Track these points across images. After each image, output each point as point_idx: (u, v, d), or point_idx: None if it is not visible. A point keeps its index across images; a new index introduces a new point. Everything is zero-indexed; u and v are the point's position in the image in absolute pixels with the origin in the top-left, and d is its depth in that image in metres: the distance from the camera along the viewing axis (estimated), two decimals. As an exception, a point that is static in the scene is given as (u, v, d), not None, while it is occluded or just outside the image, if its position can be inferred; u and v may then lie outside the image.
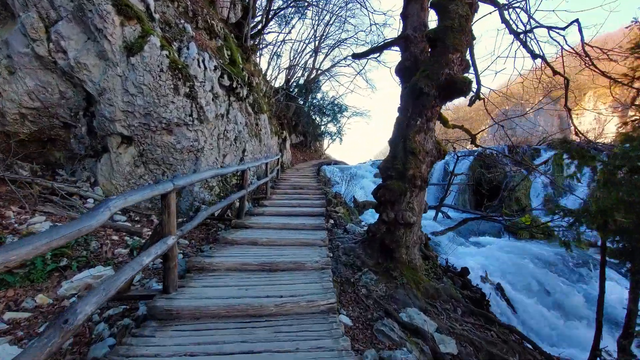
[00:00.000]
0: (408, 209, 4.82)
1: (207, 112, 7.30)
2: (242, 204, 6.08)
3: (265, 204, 7.88)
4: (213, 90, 7.79)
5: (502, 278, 6.81)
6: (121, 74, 5.88)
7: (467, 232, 10.48)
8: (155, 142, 6.57)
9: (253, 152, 10.24)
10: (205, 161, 7.36)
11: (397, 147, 4.93)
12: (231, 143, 8.69)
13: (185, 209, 7.18)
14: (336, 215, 8.49)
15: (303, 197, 9.03)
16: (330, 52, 23.55)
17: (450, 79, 4.59)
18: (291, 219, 6.40)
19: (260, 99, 13.05)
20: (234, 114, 9.03)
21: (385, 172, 4.96)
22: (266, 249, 4.50)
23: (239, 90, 9.17)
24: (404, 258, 4.78)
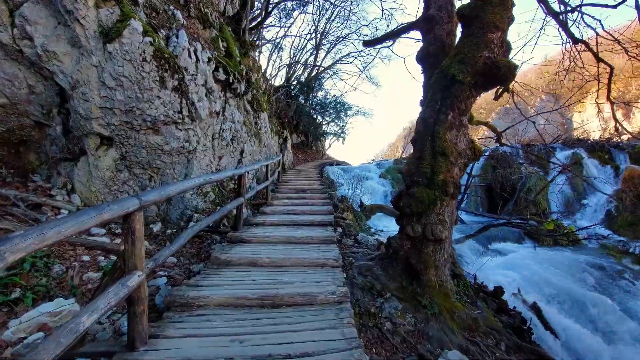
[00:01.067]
0: (438, 221, 4.00)
1: (199, 109, 6.48)
2: (240, 214, 5.26)
3: (265, 211, 7.05)
4: (206, 84, 6.97)
5: (535, 294, 5.99)
6: (97, 63, 5.06)
7: (485, 238, 9.65)
8: (139, 143, 5.75)
9: (252, 154, 9.42)
10: (198, 164, 6.54)
11: (424, 147, 4.10)
12: (227, 143, 7.87)
13: (175, 219, 6.36)
14: (344, 223, 7.65)
15: (307, 203, 8.21)
16: (332, 48, 22.76)
17: (492, 64, 3.76)
18: (296, 230, 5.57)
19: (260, 97, 12.23)
20: (230, 112, 8.21)
21: (409, 177, 4.14)
22: (267, 273, 3.67)
23: (236, 86, 8.35)
24: (433, 281, 3.95)
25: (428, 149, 4.08)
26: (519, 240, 10.23)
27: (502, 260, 7.46)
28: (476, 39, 3.87)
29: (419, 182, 4.02)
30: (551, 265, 7.49)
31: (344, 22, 21.37)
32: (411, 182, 4.10)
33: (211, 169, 6.98)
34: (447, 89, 4.01)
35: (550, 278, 6.76)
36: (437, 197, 3.92)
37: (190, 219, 6.36)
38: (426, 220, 4.00)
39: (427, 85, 4.71)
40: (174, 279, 4.14)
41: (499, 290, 5.01)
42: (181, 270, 4.49)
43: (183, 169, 6.43)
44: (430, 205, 3.94)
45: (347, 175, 16.77)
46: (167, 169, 6.23)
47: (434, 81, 4.17)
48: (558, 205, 12.52)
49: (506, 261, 7.42)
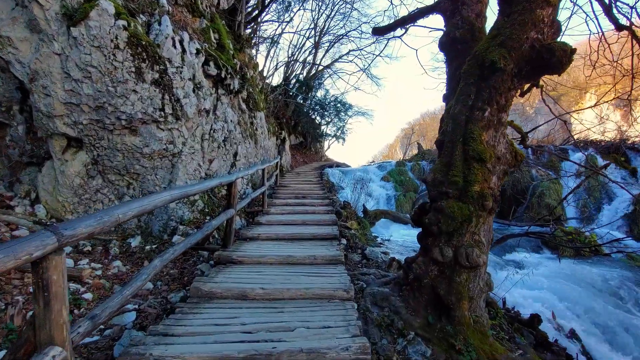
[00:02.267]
0: (473, 243, 3.23)
1: (185, 106, 5.68)
2: (230, 228, 4.47)
3: (261, 221, 6.26)
4: (195, 79, 6.18)
5: (571, 318, 5.25)
6: (59, 51, 4.26)
7: (499, 247, 8.90)
8: (114, 145, 4.95)
9: (247, 156, 8.63)
10: (184, 169, 5.75)
11: (453, 151, 3.33)
12: (219, 145, 7.08)
13: (157, 231, 5.57)
14: (349, 234, 6.88)
15: (308, 210, 7.42)
16: (331, 46, 21.99)
17: (542, 47, 3.00)
18: (296, 246, 4.79)
19: (257, 95, 11.44)
20: (223, 110, 7.42)
21: (435, 188, 3.36)
22: (261, 311, 2.89)
23: (229, 82, 7.56)
24: (467, 317, 3.18)
25: (459, 153, 3.31)
26: (536, 249, 9.49)
27: (524, 276, 6.70)
28: (521, 17, 3.11)
29: (448, 194, 3.24)
30: (579, 280, 6.74)
31: (344, 19, 20.64)
32: (438, 194, 3.32)
33: (200, 174, 6.19)
34: (483, 79, 3.24)
35: (582, 296, 6.01)
36: (472, 213, 3.15)
37: (175, 231, 5.57)
38: (458, 241, 3.23)
39: (452, 77, 3.95)
40: (145, 314, 3.34)
41: (536, 319, 4.24)
42: (157, 300, 3.69)
43: (167, 175, 5.63)
44: (464, 222, 3.17)
45: (348, 178, 16.02)
46: (147, 175, 5.44)
47: (466, 70, 3.40)
48: (574, 211, 11.79)
49: (529, 276, 6.66)
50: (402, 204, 13.96)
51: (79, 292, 3.62)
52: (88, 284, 3.79)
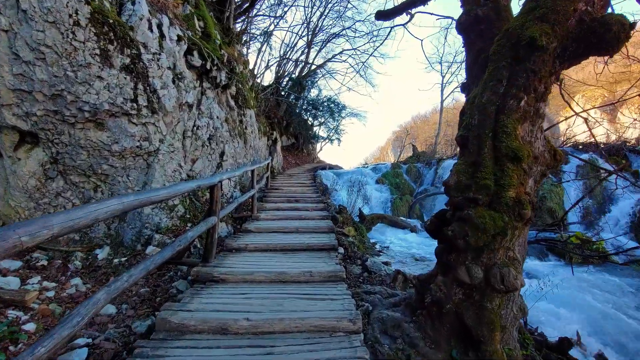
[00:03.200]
0: (508, 260, 2.64)
1: (163, 98, 5.00)
2: (212, 239, 3.80)
3: (250, 228, 5.60)
4: (175, 69, 5.50)
5: (594, 337, 4.73)
6: (7, 27, 3.55)
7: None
8: (76, 141, 4.24)
9: (235, 156, 7.95)
10: (161, 169, 5.05)
11: (481, 148, 2.75)
12: (204, 144, 6.40)
13: (130, 240, 4.86)
14: (347, 241, 6.26)
15: (302, 216, 6.78)
16: (324, 45, 21.40)
17: (595, 21, 2.44)
18: (288, 259, 4.15)
19: (247, 92, 10.78)
20: (208, 105, 6.74)
21: (460, 192, 2.77)
22: (245, 351, 2.24)
23: (215, 74, 6.89)
24: (499, 351, 2.59)
25: (488, 151, 2.73)
26: (540, 256, 9.02)
27: (538, 287, 6.18)
28: (566, -15, 2.55)
29: (477, 201, 2.65)
30: (597, 290, 6.25)
31: (338, 17, 20.09)
32: (464, 201, 2.73)
33: (180, 176, 5.50)
34: (519, 60, 2.67)
35: (603, 310, 5.50)
36: (506, 224, 2.56)
37: (150, 240, 4.87)
38: (490, 258, 2.64)
39: (474, 62, 3.37)
40: (100, 350, 2.65)
41: (567, 344, 3.68)
42: (119, 330, 3.00)
43: (141, 176, 4.93)
44: (497, 236, 2.58)
45: (342, 180, 15.43)
46: (118, 176, 4.73)
47: (496, 51, 2.83)
48: (576, 214, 11.41)
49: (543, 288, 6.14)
50: (399, 207, 13.42)
51: (19, 322, 2.91)
52: (33, 311, 3.08)
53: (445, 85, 20.20)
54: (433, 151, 19.18)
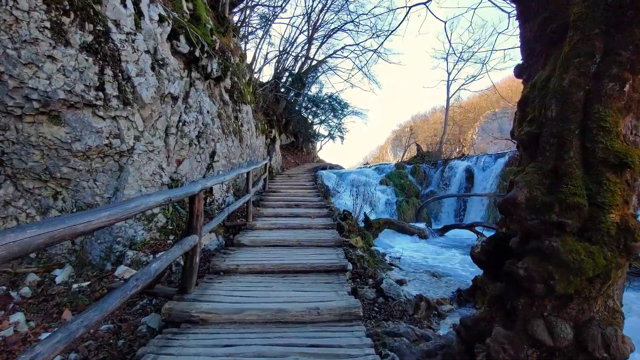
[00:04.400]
0: (608, 313, 1.84)
1: (139, 88, 4.17)
2: (191, 264, 2.98)
3: (243, 241, 4.78)
4: (156, 54, 4.67)
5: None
6: None
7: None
8: (25, 138, 3.41)
9: (229, 156, 7.12)
10: (136, 172, 4.23)
11: (564, 151, 1.94)
12: (191, 142, 5.56)
13: (98, 257, 4.05)
14: (355, 255, 5.45)
15: (303, 224, 5.96)
16: (325, 40, 20.54)
17: None
18: (288, 286, 3.34)
19: (243, 86, 9.95)
20: (197, 98, 5.91)
21: (535, 212, 1.95)
22: None
23: (205, 63, 6.06)
24: None
25: (575, 155, 1.92)
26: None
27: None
28: None
29: (563, 227, 1.84)
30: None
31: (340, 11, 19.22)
32: (542, 225, 1.91)
33: (161, 180, 4.67)
34: (620, 26, 1.86)
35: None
36: (610, 262, 1.75)
37: (121, 258, 4.05)
38: (583, 310, 1.83)
39: (538, 35, 2.55)
40: None
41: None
42: (56, 397, 2.19)
43: (112, 180, 4.11)
44: (596, 279, 1.77)
45: (344, 181, 14.62)
46: (83, 181, 3.90)
47: (582, 16, 2.01)
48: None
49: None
50: (405, 210, 12.62)
51: None
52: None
53: (451, 83, 19.42)
54: (438, 151, 18.39)
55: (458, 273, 5.94)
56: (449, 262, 6.67)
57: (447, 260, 6.79)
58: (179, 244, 2.67)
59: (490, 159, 13.83)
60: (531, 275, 1.86)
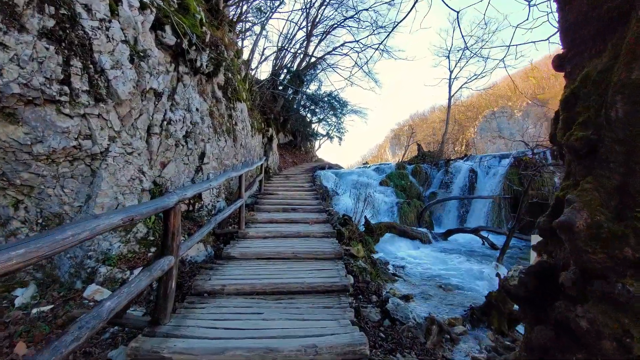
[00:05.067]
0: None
1: (114, 82, 3.69)
2: (166, 291, 2.51)
3: (233, 254, 4.31)
4: (137, 44, 4.18)
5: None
6: None
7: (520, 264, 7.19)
8: (-25, 140, 2.92)
9: (221, 157, 6.64)
10: (111, 178, 3.75)
11: (634, 160, 1.48)
12: (178, 142, 5.08)
13: (67, 275, 3.58)
14: (356, 266, 5.00)
15: (300, 232, 5.50)
16: (325, 36, 20.00)
17: None
18: (282, 313, 2.87)
19: (238, 83, 9.46)
20: (185, 95, 5.42)
21: (600, 244, 1.50)
22: None
23: (194, 57, 5.57)
24: None
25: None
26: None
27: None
28: None
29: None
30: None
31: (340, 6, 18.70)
32: (609, 260, 1.46)
33: (141, 186, 4.19)
34: None
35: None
36: None
37: (93, 275, 3.58)
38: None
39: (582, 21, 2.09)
40: None
41: None
42: None
43: (83, 187, 3.63)
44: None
45: (344, 182, 14.16)
46: (48, 188, 3.42)
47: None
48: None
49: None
50: (407, 213, 12.16)
51: None
52: None
53: (452, 81, 18.94)
54: (440, 151, 17.93)
55: (468, 285, 5.50)
56: (457, 271, 6.23)
57: (454, 269, 6.35)
58: (146, 270, 2.19)
59: (494, 160, 13.39)
60: (598, 330, 1.41)
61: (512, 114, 62.84)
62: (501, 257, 6.44)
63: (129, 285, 1.96)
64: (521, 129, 59.13)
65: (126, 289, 1.93)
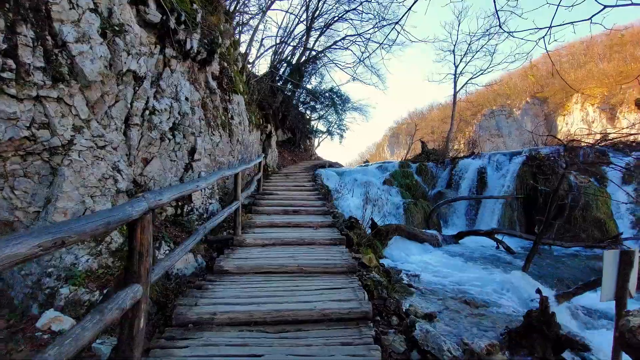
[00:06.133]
0: None
1: (79, 59, 2.99)
2: (130, 338, 1.82)
3: (227, 267, 3.63)
4: (111, 17, 3.48)
5: None
6: None
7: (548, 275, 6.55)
8: None
9: (214, 154, 5.94)
10: (76, 177, 3.05)
11: None
12: (163, 135, 4.39)
13: (20, 296, 2.90)
14: (370, 280, 4.31)
15: (304, 239, 4.82)
16: (325, 30, 19.25)
17: None
18: (287, 355, 2.19)
19: (235, 74, 8.75)
20: (172, 81, 4.72)
21: None
22: None
23: (182, 37, 4.87)
24: None
25: None
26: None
27: None
28: None
29: None
30: None
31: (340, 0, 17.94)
32: None
33: (116, 185, 3.50)
34: None
35: None
36: None
37: (53, 298, 2.89)
38: None
39: None
40: None
41: None
42: None
43: (40, 188, 2.93)
44: None
45: (346, 181, 13.46)
46: (-7, 190, 2.72)
47: None
48: (625, 226, 9.61)
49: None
50: (413, 214, 11.50)
51: None
52: None
53: (458, 77, 18.28)
54: (445, 149, 17.27)
55: (494, 299, 4.84)
56: (478, 281, 5.57)
57: (475, 279, 5.69)
58: (96, 312, 1.51)
59: (504, 158, 12.76)
60: None
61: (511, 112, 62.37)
62: (527, 265, 5.78)
63: (60, 343, 1.27)
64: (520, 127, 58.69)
65: (55, 350, 1.25)
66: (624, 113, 42.06)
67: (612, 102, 44.70)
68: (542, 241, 8.85)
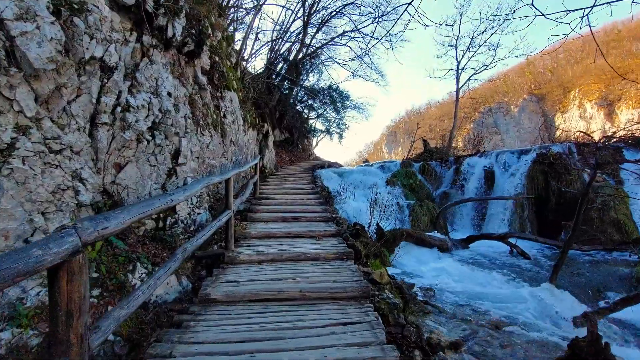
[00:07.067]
0: None
1: (20, 41, 2.35)
2: None
3: (215, 295, 3.00)
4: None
5: None
6: None
7: (574, 285, 5.98)
8: None
9: (203, 157, 5.30)
10: (20, 190, 2.41)
11: None
12: (140, 137, 3.75)
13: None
14: (383, 302, 3.70)
15: (307, 253, 4.20)
16: (323, 25, 18.59)
17: None
18: None
19: (228, 69, 8.11)
20: (152, 73, 4.09)
21: None
22: None
23: (163, 23, 4.23)
24: None
25: None
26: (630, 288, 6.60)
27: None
28: None
29: None
30: None
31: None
32: None
33: (76, 199, 2.86)
34: None
35: None
36: None
37: None
38: None
39: None
40: None
41: None
42: None
43: (-29, 206, 2.29)
44: None
45: (347, 182, 12.85)
46: None
47: None
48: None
49: None
50: (419, 216, 10.90)
51: None
52: None
53: (460, 72, 17.69)
54: (448, 147, 16.66)
55: (523, 319, 4.24)
56: (500, 296, 4.97)
57: (497, 294, 5.09)
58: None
59: (512, 156, 12.19)
60: None
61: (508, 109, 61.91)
62: (554, 276, 5.18)
63: None
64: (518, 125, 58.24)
65: None
66: (622, 109, 41.70)
67: (610, 98, 44.30)
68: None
